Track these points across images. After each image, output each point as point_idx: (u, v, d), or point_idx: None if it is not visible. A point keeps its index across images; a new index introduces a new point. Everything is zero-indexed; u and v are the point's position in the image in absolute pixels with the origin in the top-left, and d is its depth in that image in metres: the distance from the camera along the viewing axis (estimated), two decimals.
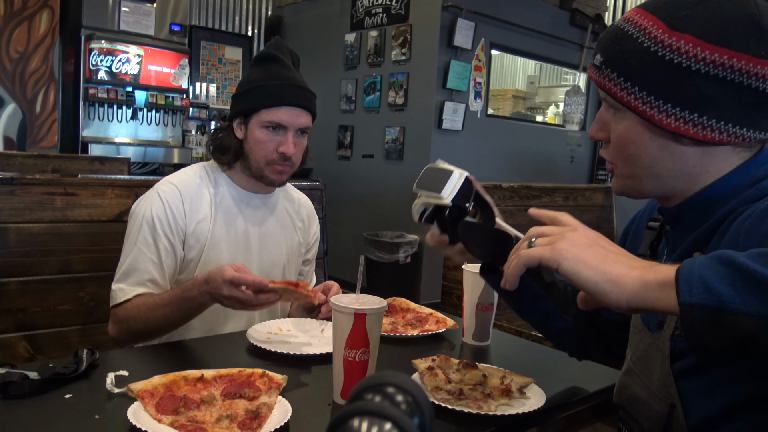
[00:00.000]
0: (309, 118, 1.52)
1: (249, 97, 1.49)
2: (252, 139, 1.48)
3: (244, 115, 1.50)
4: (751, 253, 0.63)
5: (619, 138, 0.85)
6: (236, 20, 5.95)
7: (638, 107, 0.81)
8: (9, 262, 1.52)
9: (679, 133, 0.80)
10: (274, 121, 1.46)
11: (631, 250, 1.04)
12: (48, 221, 1.58)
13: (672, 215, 0.90)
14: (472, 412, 0.95)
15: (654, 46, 0.79)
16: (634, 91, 0.81)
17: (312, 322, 1.40)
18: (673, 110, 0.79)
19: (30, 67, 4.45)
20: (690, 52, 0.77)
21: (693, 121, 0.79)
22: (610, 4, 6.69)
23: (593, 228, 0.78)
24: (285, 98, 1.46)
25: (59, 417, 0.89)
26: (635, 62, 0.80)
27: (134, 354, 1.23)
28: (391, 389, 0.45)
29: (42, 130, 4.55)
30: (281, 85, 1.47)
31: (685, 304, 0.62)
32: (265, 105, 1.46)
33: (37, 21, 4.45)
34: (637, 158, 0.84)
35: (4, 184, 1.51)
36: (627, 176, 0.88)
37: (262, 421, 0.88)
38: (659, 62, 0.78)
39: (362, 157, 4.95)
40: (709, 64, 0.76)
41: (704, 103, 0.78)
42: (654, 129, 0.81)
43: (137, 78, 4.68)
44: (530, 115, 6.43)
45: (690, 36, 0.77)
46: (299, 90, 1.49)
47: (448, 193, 0.90)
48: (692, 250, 0.84)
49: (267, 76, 1.48)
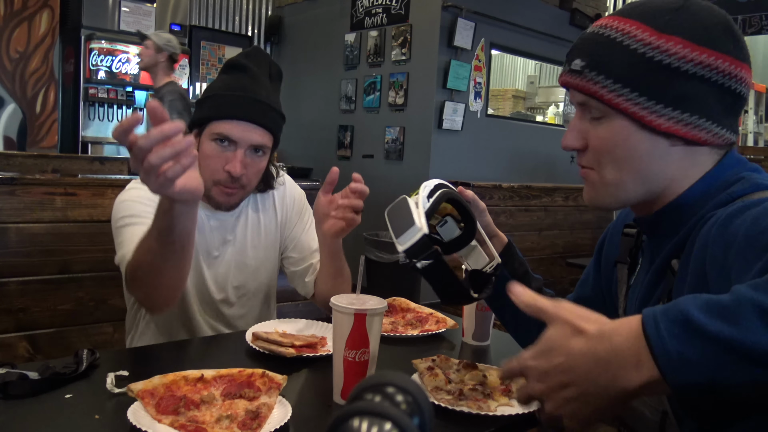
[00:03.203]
0: (266, 137, 1.38)
1: (204, 106, 1.38)
2: (202, 153, 1.35)
3: (198, 125, 1.38)
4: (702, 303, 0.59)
5: (604, 142, 0.84)
6: (236, 20, 5.95)
7: (628, 108, 0.81)
8: (9, 262, 1.52)
9: (670, 132, 0.81)
10: (222, 134, 1.33)
11: (607, 261, 1.07)
12: (48, 221, 1.58)
13: (649, 224, 0.90)
14: (473, 412, 0.95)
15: (642, 48, 0.80)
16: (623, 92, 0.81)
17: (312, 325, 1.40)
18: (664, 110, 0.80)
19: (30, 67, 4.45)
20: (679, 53, 0.79)
21: (684, 120, 0.80)
22: (610, 4, 6.69)
23: (593, 228, 0.78)
24: (238, 111, 1.34)
25: (59, 417, 0.89)
26: (623, 64, 0.81)
27: (134, 354, 1.23)
28: (391, 389, 0.45)
29: (42, 130, 4.55)
30: (237, 97, 1.35)
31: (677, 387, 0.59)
32: (215, 116, 1.35)
33: (37, 21, 4.45)
34: (625, 161, 0.83)
35: (4, 184, 1.51)
36: (609, 183, 0.86)
37: (262, 421, 0.88)
38: (648, 63, 0.80)
39: (362, 157, 4.95)
40: (697, 64, 0.79)
41: (692, 102, 0.80)
42: (643, 130, 0.82)
43: (137, 78, 4.69)
44: (530, 115, 6.43)
45: (677, 38, 0.79)
46: (257, 104, 1.36)
47: (404, 244, 0.89)
48: (670, 258, 0.84)
49: (227, 86, 1.37)
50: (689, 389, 0.58)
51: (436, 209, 0.96)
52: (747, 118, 7.87)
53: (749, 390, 0.57)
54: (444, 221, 1.05)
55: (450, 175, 3.71)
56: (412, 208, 0.92)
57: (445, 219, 1.05)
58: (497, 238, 1.12)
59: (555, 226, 3.56)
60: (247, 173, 1.36)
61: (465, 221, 1.04)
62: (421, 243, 0.88)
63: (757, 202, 0.73)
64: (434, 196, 0.96)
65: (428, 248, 0.89)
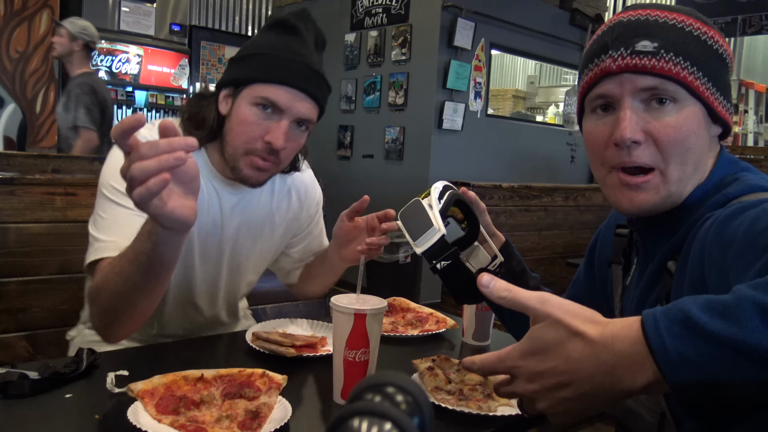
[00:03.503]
0: (314, 110, 1.23)
1: (246, 63, 1.21)
2: (236, 116, 1.20)
3: (234, 85, 1.21)
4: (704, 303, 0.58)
5: (677, 132, 0.78)
6: (236, 20, 5.95)
7: (704, 93, 0.78)
8: (9, 262, 1.52)
9: (726, 121, 0.82)
10: (269, 99, 1.17)
11: (600, 262, 1.07)
12: (48, 221, 1.58)
13: (644, 224, 0.89)
14: (473, 412, 0.95)
15: (710, 40, 0.80)
16: (699, 76, 0.78)
17: (312, 325, 1.40)
18: (721, 98, 0.81)
19: (30, 67, 4.45)
20: (722, 43, 0.81)
21: (729, 110, 0.82)
22: (610, 4, 6.69)
23: (593, 228, 0.78)
24: (289, 76, 1.18)
25: (59, 417, 0.89)
26: (696, 49, 0.79)
27: (135, 354, 1.23)
28: (391, 389, 0.45)
29: (42, 130, 4.55)
30: (290, 61, 1.18)
31: (675, 386, 0.58)
32: (261, 78, 1.18)
33: (37, 21, 4.45)
34: (691, 153, 0.79)
35: (4, 184, 1.51)
36: (673, 181, 0.80)
37: (262, 421, 0.88)
38: (710, 50, 0.80)
39: (362, 157, 4.95)
40: (730, 56, 0.82)
41: (730, 93, 0.82)
42: (707, 118, 0.80)
43: (137, 78, 4.69)
44: (530, 115, 6.43)
45: (715, 30, 0.82)
46: (311, 73, 1.20)
47: (422, 246, 0.90)
48: (666, 259, 0.83)
49: (276, 45, 1.20)
50: (689, 388, 0.57)
51: (447, 210, 0.96)
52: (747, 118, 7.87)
53: (750, 389, 0.56)
54: (447, 222, 1.05)
55: (450, 175, 3.70)
56: (427, 210, 0.92)
57: (448, 220, 1.05)
58: (496, 238, 1.13)
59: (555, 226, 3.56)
60: (287, 147, 1.21)
61: (468, 222, 1.05)
62: (440, 244, 0.89)
63: (755, 203, 0.73)
64: (444, 198, 0.96)
65: (448, 249, 0.90)
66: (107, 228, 1.13)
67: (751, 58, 8.29)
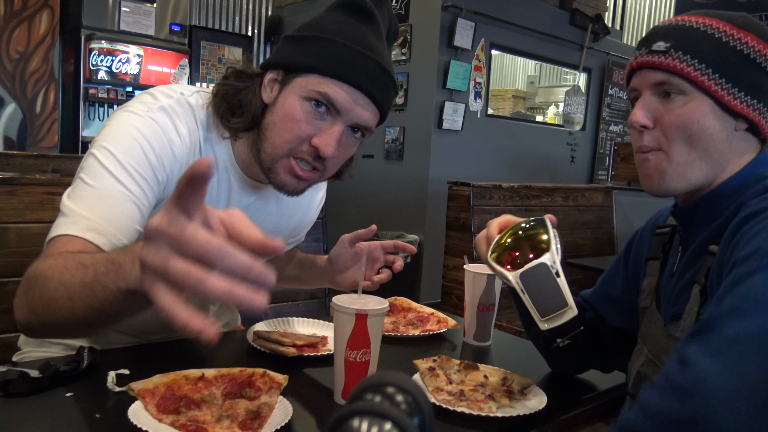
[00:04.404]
0: (375, 118, 1.04)
1: (305, 47, 1.01)
2: (282, 109, 1.00)
3: (286, 70, 1.02)
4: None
5: (681, 119, 0.89)
6: (236, 20, 5.95)
7: (710, 87, 0.88)
8: (9, 262, 1.52)
9: (742, 114, 0.88)
10: (327, 96, 0.98)
11: (636, 260, 1.11)
12: (48, 221, 1.57)
13: (686, 213, 0.95)
14: (473, 413, 0.95)
15: (726, 38, 0.88)
16: (707, 72, 0.87)
17: (313, 324, 1.40)
18: (739, 94, 0.88)
19: (30, 67, 4.45)
20: (755, 46, 0.89)
21: (753, 106, 0.89)
22: (610, 4, 6.69)
23: (593, 228, 0.80)
24: (356, 73, 0.98)
25: (60, 415, 0.89)
26: (709, 48, 0.88)
27: (135, 353, 1.23)
28: (391, 389, 0.45)
29: (42, 130, 4.55)
30: (359, 54, 0.98)
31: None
32: (322, 69, 0.98)
33: (37, 21, 4.45)
34: (697, 139, 0.89)
35: (4, 184, 1.51)
36: (679, 162, 0.90)
37: (262, 421, 0.88)
38: (731, 51, 0.88)
39: (362, 157, 4.95)
40: (765, 57, 0.89)
41: (760, 91, 0.89)
42: (718, 110, 0.88)
43: (137, 78, 4.68)
44: (530, 115, 6.43)
45: (752, 34, 0.89)
46: (381, 73, 1.00)
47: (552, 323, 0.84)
48: (707, 243, 0.89)
49: (344, 31, 1.00)
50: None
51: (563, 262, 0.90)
52: None
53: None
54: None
55: (450, 175, 3.70)
56: (557, 281, 0.85)
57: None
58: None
59: None
60: (336, 156, 1.02)
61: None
62: (571, 324, 0.85)
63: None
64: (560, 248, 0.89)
65: (576, 328, 0.86)
66: (86, 199, 0.91)
67: None
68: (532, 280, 0.86)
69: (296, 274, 1.42)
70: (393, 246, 1.20)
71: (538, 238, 0.92)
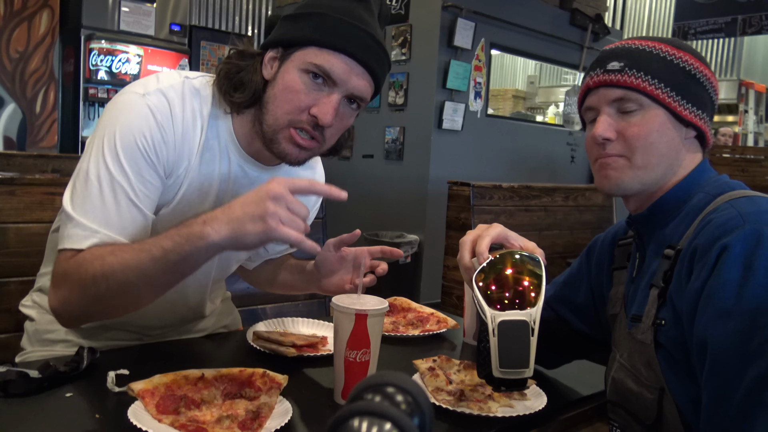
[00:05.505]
0: (369, 88, 1.09)
1: (301, 23, 1.07)
2: (282, 83, 1.06)
3: (284, 46, 1.08)
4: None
5: (641, 129, 0.97)
6: (236, 20, 5.95)
7: (664, 99, 0.97)
8: (9, 262, 1.52)
9: (693, 123, 0.98)
10: (322, 67, 1.03)
11: (598, 267, 1.17)
12: (48, 221, 1.58)
13: (641, 220, 1.03)
14: (473, 413, 0.95)
15: (669, 56, 0.99)
16: (660, 87, 0.97)
17: (313, 324, 1.40)
18: (688, 105, 0.98)
19: (30, 67, 4.45)
20: (694, 64, 0.99)
21: (699, 115, 0.99)
22: (610, 4, 6.69)
23: (593, 228, 0.82)
24: (349, 44, 1.03)
25: (59, 416, 0.89)
26: (658, 66, 0.98)
27: (135, 353, 1.23)
28: (391, 389, 0.45)
29: (42, 130, 4.55)
30: (353, 27, 1.04)
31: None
32: (317, 41, 1.04)
33: (37, 21, 4.45)
34: (656, 146, 0.97)
35: (4, 184, 1.51)
36: (638, 166, 0.98)
37: (262, 421, 0.88)
38: (676, 68, 0.98)
39: (362, 157, 4.95)
40: (702, 73, 1.00)
41: (702, 103, 0.99)
42: (672, 120, 0.98)
43: (137, 78, 4.68)
44: (530, 115, 6.43)
45: (690, 54, 1.00)
46: (374, 43, 1.06)
47: (505, 375, 0.86)
48: (662, 247, 0.96)
49: (337, 6, 1.06)
50: None
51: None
52: (747, 118, 7.87)
53: None
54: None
55: (450, 175, 3.70)
56: (531, 345, 0.85)
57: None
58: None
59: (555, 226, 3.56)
60: (334, 124, 1.07)
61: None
62: (522, 382, 0.88)
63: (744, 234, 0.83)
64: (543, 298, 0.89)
65: (524, 387, 0.89)
66: (101, 214, 0.99)
67: (751, 58, 8.29)
68: (508, 330, 0.86)
69: (289, 280, 1.40)
70: (380, 251, 1.21)
71: (528, 284, 0.90)
